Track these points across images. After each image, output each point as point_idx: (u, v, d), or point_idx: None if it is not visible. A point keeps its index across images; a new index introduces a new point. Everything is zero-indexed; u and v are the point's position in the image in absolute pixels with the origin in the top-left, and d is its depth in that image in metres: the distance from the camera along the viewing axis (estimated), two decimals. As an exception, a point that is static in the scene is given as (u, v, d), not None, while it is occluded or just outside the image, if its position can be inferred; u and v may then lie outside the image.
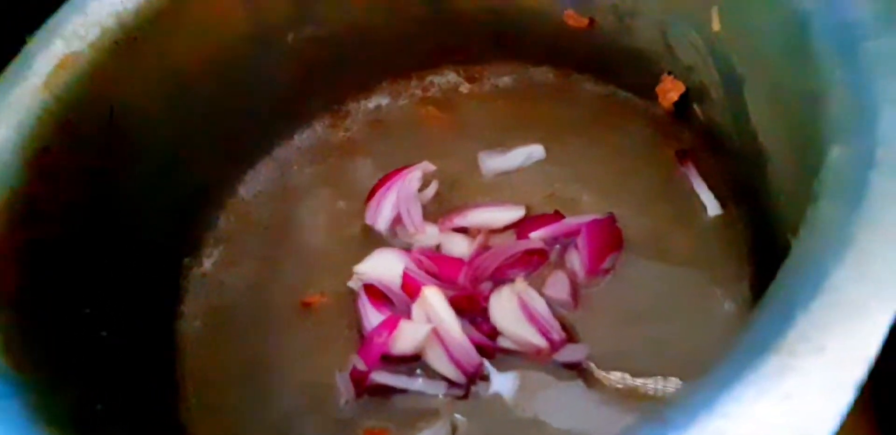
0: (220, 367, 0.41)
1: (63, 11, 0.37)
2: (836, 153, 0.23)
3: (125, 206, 0.39)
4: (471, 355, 0.36)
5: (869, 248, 0.20)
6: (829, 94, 0.25)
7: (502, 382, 0.36)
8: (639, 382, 0.36)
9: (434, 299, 0.37)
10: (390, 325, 0.37)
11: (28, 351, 0.30)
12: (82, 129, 0.36)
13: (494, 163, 0.44)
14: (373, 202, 0.43)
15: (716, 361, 0.20)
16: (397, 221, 0.43)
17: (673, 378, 0.36)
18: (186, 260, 0.45)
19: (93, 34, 0.37)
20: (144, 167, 0.40)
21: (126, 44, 0.37)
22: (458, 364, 0.36)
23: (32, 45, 0.36)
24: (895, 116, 0.23)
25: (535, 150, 0.44)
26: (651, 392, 0.36)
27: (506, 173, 0.44)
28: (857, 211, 0.21)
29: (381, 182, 0.43)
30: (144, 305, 0.41)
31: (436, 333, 0.37)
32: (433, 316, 0.37)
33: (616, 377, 0.36)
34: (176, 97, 0.40)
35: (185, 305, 0.43)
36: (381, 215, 0.43)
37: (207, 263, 0.45)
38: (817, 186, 0.23)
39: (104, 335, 0.36)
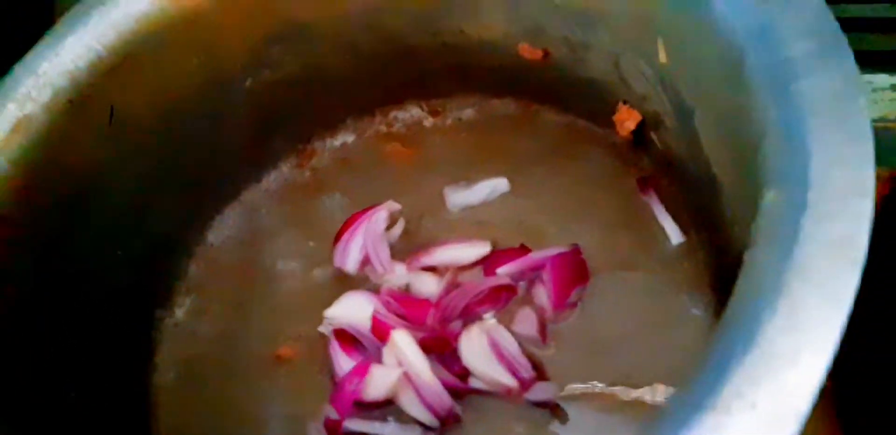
0: (196, 419, 0.41)
1: (14, 74, 0.37)
2: (769, 198, 0.23)
3: (89, 263, 0.39)
4: (442, 399, 0.36)
5: (800, 296, 0.20)
6: (766, 133, 0.26)
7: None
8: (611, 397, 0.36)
9: (403, 343, 0.37)
10: (361, 371, 0.37)
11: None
12: (38, 192, 0.36)
13: (459, 197, 0.45)
14: (340, 244, 0.43)
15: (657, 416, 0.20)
16: (366, 261, 0.43)
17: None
18: (158, 311, 0.45)
19: (45, 95, 0.37)
20: (107, 223, 0.40)
21: (80, 102, 0.37)
22: (430, 408, 0.36)
23: (-16, 110, 0.36)
24: (826, 158, 0.23)
25: (500, 183, 0.44)
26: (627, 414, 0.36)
27: (471, 207, 0.44)
28: (789, 258, 0.21)
29: (348, 224, 0.43)
30: (116, 361, 0.41)
31: (407, 377, 0.37)
32: (403, 360, 0.37)
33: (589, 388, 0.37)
34: (135, 151, 0.40)
35: (158, 357, 0.43)
36: (349, 257, 0.43)
37: (179, 313, 0.45)
38: (753, 232, 0.23)
39: (73, 396, 0.36)
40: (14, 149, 0.36)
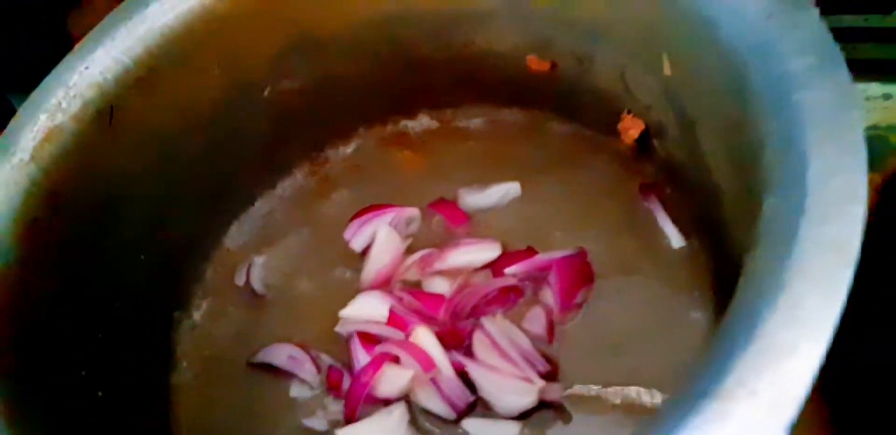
0: (215, 417, 0.42)
1: (45, 85, 0.39)
2: (769, 203, 0.25)
3: (114, 267, 0.41)
4: (463, 392, 0.38)
5: (799, 293, 0.22)
6: (766, 143, 0.27)
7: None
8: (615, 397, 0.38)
9: (425, 338, 0.39)
10: (377, 363, 0.38)
11: (30, 420, 0.32)
12: (68, 198, 0.37)
13: (473, 199, 0.46)
14: (356, 223, 0.45)
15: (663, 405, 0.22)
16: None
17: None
18: (176, 313, 0.46)
19: (75, 106, 0.38)
20: (131, 228, 0.41)
21: (107, 113, 0.39)
22: (448, 401, 0.38)
23: (17, 120, 0.38)
24: (822, 167, 0.24)
25: (512, 188, 0.46)
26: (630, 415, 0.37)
27: (481, 211, 0.46)
28: (788, 258, 0.23)
29: (370, 209, 0.46)
30: (138, 361, 0.42)
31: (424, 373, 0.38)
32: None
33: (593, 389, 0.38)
34: (158, 159, 0.42)
35: (176, 358, 0.45)
36: (359, 237, 0.45)
37: (197, 315, 0.46)
38: (755, 235, 0.25)
39: (100, 395, 0.38)
40: (45, 157, 0.37)
